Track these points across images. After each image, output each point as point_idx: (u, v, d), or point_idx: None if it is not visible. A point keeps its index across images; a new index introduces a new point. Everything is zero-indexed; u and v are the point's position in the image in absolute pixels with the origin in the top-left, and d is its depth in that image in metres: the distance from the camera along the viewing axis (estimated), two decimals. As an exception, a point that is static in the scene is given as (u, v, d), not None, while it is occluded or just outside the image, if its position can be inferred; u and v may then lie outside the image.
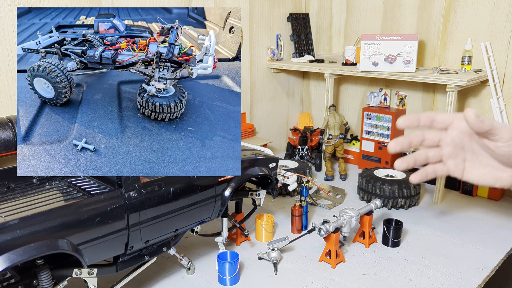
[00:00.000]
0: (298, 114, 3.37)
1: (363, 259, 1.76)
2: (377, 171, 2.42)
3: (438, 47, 2.60)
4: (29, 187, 1.38)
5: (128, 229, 1.24)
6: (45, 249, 1.03)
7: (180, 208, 1.37)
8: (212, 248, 1.81)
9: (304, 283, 1.59)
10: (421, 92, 2.75)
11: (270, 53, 2.93)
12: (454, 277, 1.63)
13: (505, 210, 2.28)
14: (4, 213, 1.18)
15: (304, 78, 3.32)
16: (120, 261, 1.31)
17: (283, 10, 2.98)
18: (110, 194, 1.20)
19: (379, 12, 2.83)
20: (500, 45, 2.36)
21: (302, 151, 2.86)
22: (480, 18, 2.41)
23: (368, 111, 2.82)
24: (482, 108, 2.49)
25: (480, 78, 2.30)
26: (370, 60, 2.41)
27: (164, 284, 1.58)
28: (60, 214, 1.09)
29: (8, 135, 1.53)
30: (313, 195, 2.40)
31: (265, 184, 1.78)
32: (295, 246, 1.84)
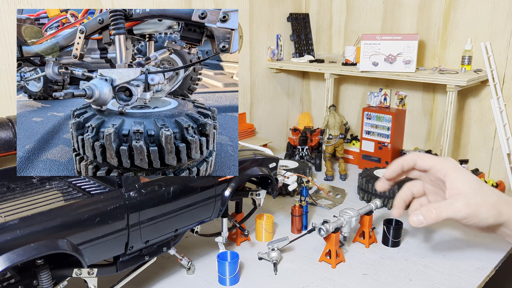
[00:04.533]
0: (298, 114, 3.37)
1: (363, 259, 1.76)
2: (377, 171, 2.42)
3: (438, 47, 2.60)
4: (29, 187, 1.38)
5: (128, 229, 1.24)
6: (45, 249, 1.03)
7: (180, 208, 1.37)
8: (212, 248, 1.81)
9: (304, 283, 1.59)
10: (421, 92, 2.75)
11: (270, 53, 2.93)
12: (454, 277, 1.63)
13: (505, 210, 2.28)
14: (4, 213, 1.18)
15: (304, 78, 3.32)
16: (120, 261, 1.31)
17: (283, 10, 2.98)
18: (110, 194, 1.20)
19: (379, 12, 2.83)
20: (500, 45, 2.36)
21: (302, 151, 2.86)
22: (480, 18, 2.41)
23: (368, 111, 2.82)
24: (482, 108, 2.49)
25: (480, 78, 2.30)
26: (370, 60, 2.41)
27: (164, 284, 1.58)
28: (60, 214, 1.09)
29: (8, 135, 1.53)
30: (313, 195, 2.40)
31: (265, 184, 1.78)
32: (295, 246, 1.84)
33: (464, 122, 2.59)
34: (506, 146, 2.36)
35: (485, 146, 2.53)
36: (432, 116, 2.74)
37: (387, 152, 2.76)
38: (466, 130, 2.59)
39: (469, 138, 2.59)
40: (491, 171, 2.53)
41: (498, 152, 2.47)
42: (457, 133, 2.63)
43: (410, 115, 2.82)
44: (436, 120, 2.73)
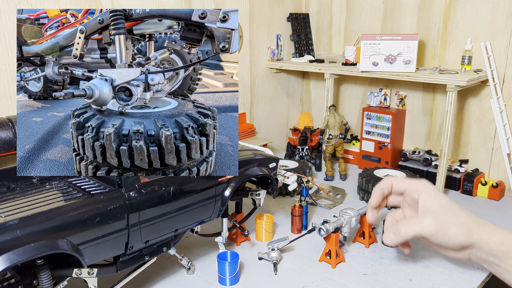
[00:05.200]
0: (298, 114, 3.37)
1: (363, 259, 1.76)
2: (377, 171, 2.42)
3: (438, 47, 2.60)
4: (29, 187, 1.38)
5: (128, 229, 1.24)
6: (45, 249, 1.03)
7: (180, 208, 1.37)
8: (212, 248, 1.81)
9: (304, 283, 1.59)
10: (421, 92, 2.75)
11: (270, 53, 2.93)
12: (454, 277, 1.63)
13: (505, 210, 2.28)
14: (4, 213, 1.18)
15: (304, 78, 3.32)
16: (120, 261, 1.31)
17: (283, 10, 2.98)
18: (110, 194, 1.20)
19: (379, 12, 2.83)
20: (500, 45, 2.36)
21: (302, 151, 2.86)
22: (480, 18, 2.41)
23: (368, 111, 2.82)
24: (482, 108, 2.49)
25: (480, 78, 2.30)
26: (370, 60, 2.41)
27: (164, 284, 1.58)
28: (60, 214, 1.09)
29: (8, 135, 1.53)
30: (313, 195, 2.40)
31: (265, 184, 1.78)
32: (295, 246, 1.84)
33: (464, 122, 2.59)
34: (506, 146, 2.36)
35: (485, 146, 2.53)
36: (432, 116, 2.74)
37: (387, 152, 2.76)
38: (466, 130, 2.59)
39: (469, 138, 2.59)
40: (491, 171, 2.53)
41: (498, 152, 2.48)
42: (457, 133, 2.63)
43: (410, 115, 2.82)
44: (436, 120, 2.73)
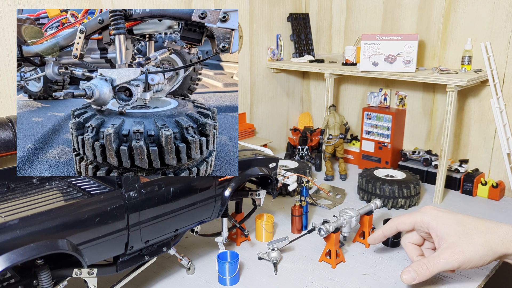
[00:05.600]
0: (298, 114, 3.37)
1: (363, 259, 1.76)
2: (377, 171, 2.42)
3: (438, 47, 2.60)
4: (29, 187, 1.38)
5: (128, 229, 1.24)
6: (45, 249, 1.03)
7: (180, 208, 1.37)
8: (212, 248, 1.81)
9: (304, 283, 1.59)
10: (421, 92, 2.75)
11: (270, 53, 2.93)
12: (454, 277, 1.63)
13: (505, 210, 2.28)
14: (4, 213, 1.18)
15: (304, 78, 3.32)
16: (120, 261, 1.31)
17: (283, 10, 2.98)
18: (110, 194, 1.20)
19: (379, 12, 2.83)
20: (500, 45, 2.36)
21: (302, 151, 2.86)
22: (480, 18, 2.41)
23: (368, 111, 2.82)
24: (482, 108, 2.49)
25: (480, 78, 2.30)
26: (370, 60, 2.41)
27: (164, 284, 1.58)
28: (60, 214, 1.09)
29: (8, 135, 1.53)
30: (313, 195, 2.40)
31: (265, 184, 1.78)
32: (295, 246, 1.84)
33: (464, 122, 2.59)
34: (506, 146, 2.36)
35: (485, 146, 2.53)
36: (432, 116, 2.74)
37: (387, 152, 2.76)
38: (466, 130, 2.59)
39: (469, 138, 2.59)
40: (491, 171, 2.53)
41: (498, 152, 2.48)
42: (457, 133, 2.63)
43: (410, 115, 2.82)
44: (436, 120, 2.73)
